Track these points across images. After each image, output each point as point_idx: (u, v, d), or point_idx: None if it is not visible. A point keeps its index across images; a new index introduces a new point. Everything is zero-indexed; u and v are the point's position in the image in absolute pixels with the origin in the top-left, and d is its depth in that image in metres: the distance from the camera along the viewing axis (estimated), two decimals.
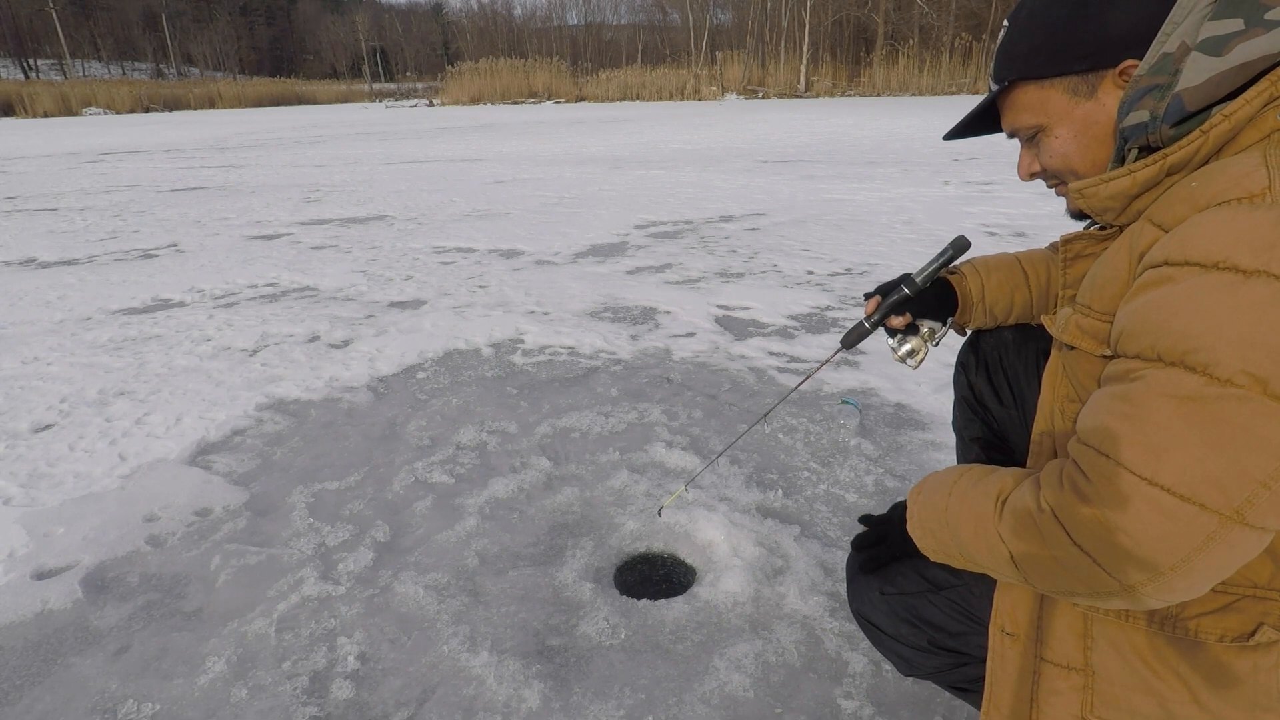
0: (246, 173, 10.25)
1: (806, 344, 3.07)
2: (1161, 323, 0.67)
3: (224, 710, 1.31)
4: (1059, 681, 0.85)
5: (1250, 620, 0.75)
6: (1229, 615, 0.76)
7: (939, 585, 0.97)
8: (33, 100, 36.86)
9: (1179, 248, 0.67)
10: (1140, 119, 0.77)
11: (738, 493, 1.93)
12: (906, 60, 33.42)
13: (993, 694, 0.91)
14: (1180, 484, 0.63)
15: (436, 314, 3.60)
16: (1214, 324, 0.63)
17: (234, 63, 74.64)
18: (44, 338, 3.38)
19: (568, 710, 1.29)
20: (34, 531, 1.86)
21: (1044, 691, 0.86)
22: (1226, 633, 0.76)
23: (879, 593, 1.03)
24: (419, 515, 1.89)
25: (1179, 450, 0.63)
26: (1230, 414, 0.62)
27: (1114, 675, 0.81)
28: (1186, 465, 0.63)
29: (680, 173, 8.88)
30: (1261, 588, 0.74)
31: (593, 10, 65.56)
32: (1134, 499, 0.65)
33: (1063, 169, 0.89)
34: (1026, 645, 0.87)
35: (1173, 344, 0.65)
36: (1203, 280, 0.64)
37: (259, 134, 19.11)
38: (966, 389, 1.38)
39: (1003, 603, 0.89)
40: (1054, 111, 0.86)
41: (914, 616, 1.00)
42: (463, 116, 26.40)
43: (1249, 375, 0.61)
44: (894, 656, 1.07)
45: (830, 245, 4.90)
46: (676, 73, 38.74)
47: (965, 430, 1.42)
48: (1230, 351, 0.62)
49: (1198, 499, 0.63)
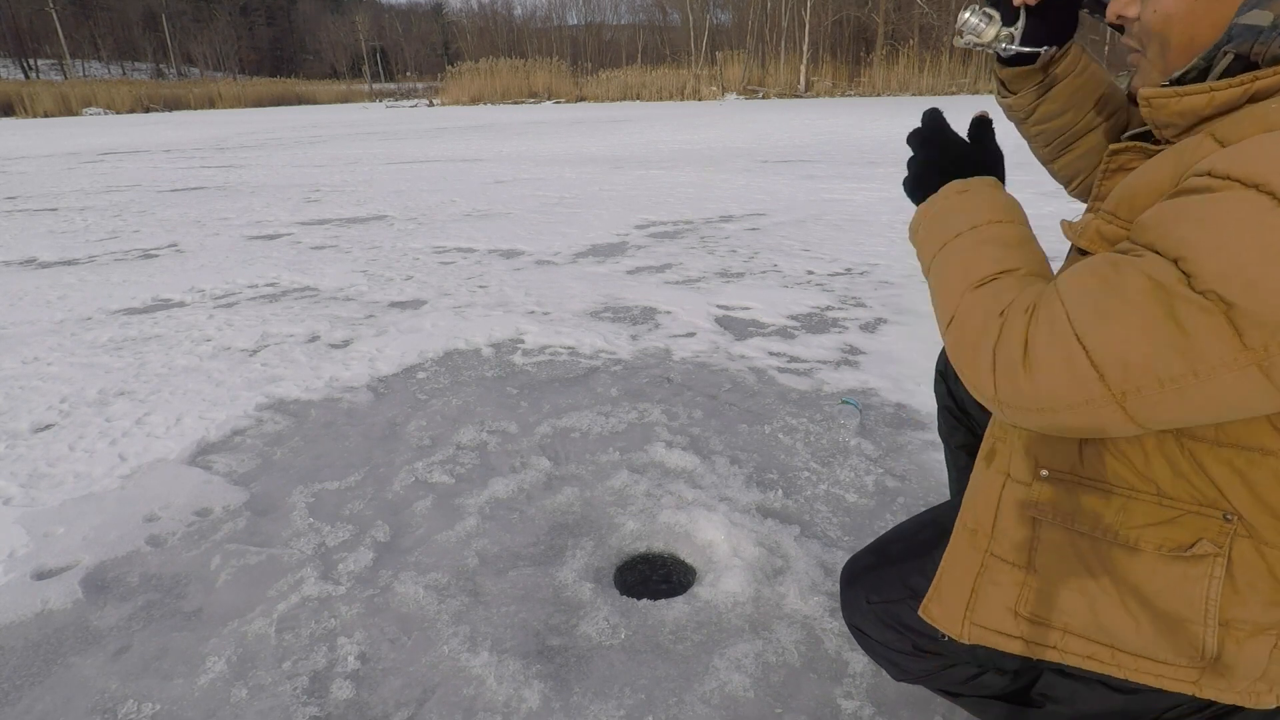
0: (246, 173, 10.25)
1: (806, 344, 3.07)
2: (1175, 224, 0.65)
3: (224, 710, 1.31)
4: (1001, 575, 0.89)
5: (1191, 534, 0.77)
6: (1171, 528, 0.78)
7: (918, 592, 0.99)
8: (33, 100, 36.84)
9: (1226, 161, 0.64)
10: (1258, 21, 0.67)
11: (738, 493, 1.93)
12: (906, 60, 33.41)
13: (940, 581, 0.95)
14: (1099, 350, 0.64)
15: (436, 314, 3.61)
16: (1217, 237, 0.61)
17: (234, 63, 74.59)
18: (44, 338, 3.38)
19: (568, 710, 1.29)
20: (34, 531, 1.86)
21: (984, 582, 0.90)
22: (1165, 543, 0.79)
23: (866, 601, 1.06)
24: (419, 515, 1.89)
25: (1120, 325, 0.64)
26: (1184, 316, 0.61)
27: (1051, 575, 0.86)
28: (1114, 339, 0.64)
29: (680, 173, 8.88)
30: (1206, 506, 0.76)
31: (593, 10, 65.58)
32: (1057, 348, 0.67)
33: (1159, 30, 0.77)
34: (980, 539, 0.91)
35: (1172, 245, 0.64)
36: (1234, 196, 0.62)
37: (259, 134, 19.11)
38: (947, 397, 1.39)
39: (968, 501, 0.93)
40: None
41: (897, 623, 1.02)
42: (463, 116, 26.40)
43: (1219, 295, 0.60)
44: (885, 663, 1.09)
45: (830, 245, 4.90)
46: (676, 73, 38.72)
47: (950, 438, 1.43)
48: (1216, 267, 0.60)
49: (1102, 369, 0.64)
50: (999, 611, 0.90)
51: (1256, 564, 0.76)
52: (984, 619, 0.91)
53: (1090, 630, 0.85)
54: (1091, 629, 0.85)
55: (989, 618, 0.90)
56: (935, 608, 0.95)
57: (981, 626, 0.91)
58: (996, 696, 1.02)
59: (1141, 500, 0.79)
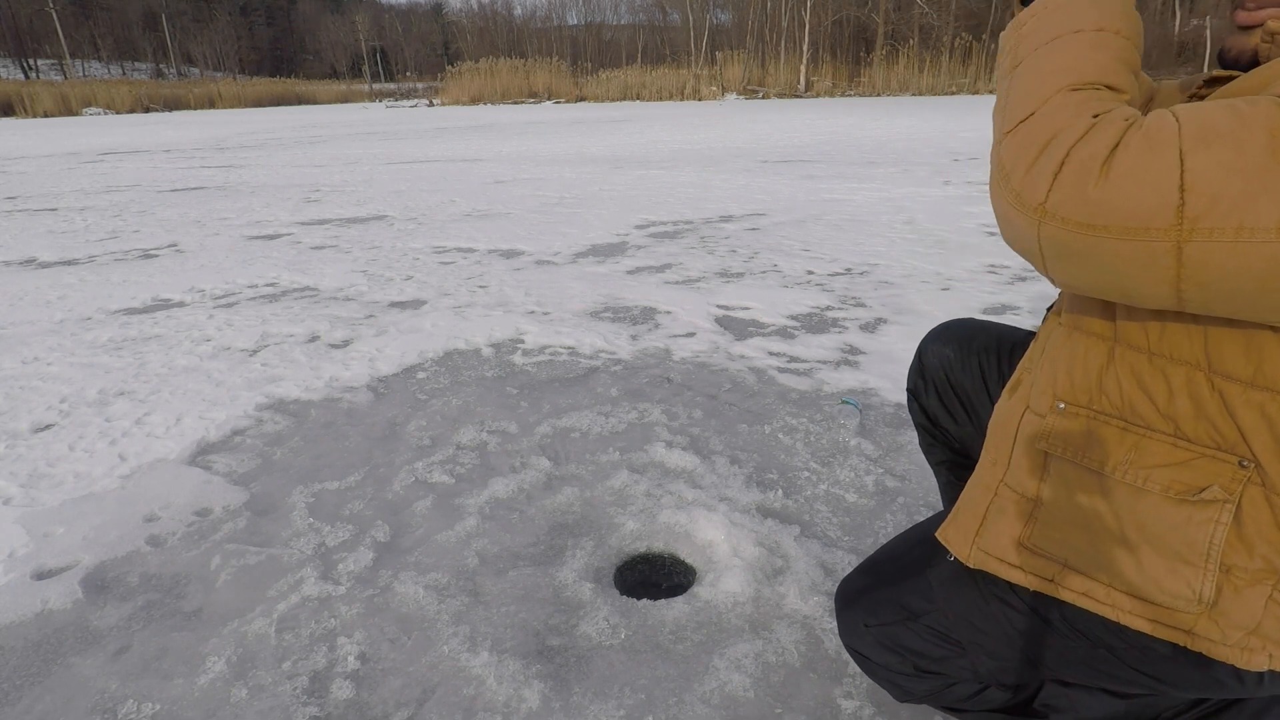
0: (246, 173, 10.25)
1: (806, 344, 3.07)
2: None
3: (224, 710, 1.31)
4: (1010, 505, 0.90)
5: (1204, 478, 0.76)
6: (1183, 469, 0.77)
7: (915, 613, 0.99)
8: (33, 100, 36.83)
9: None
10: None
11: (738, 493, 1.93)
12: (906, 60, 33.42)
13: (958, 509, 0.97)
14: (1195, 173, 0.59)
15: (436, 314, 3.61)
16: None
17: (234, 63, 74.57)
18: (44, 338, 3.38)
19: (568, 710, 1.29)
20: (34, 531, 1.86)
21: (993, 510, 0.92)
22: (1174, 484, 0.77)
23: (863, 625, 1.05)
24: (419, 515, 1.89)
25: (1230, 152, 0.59)
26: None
27: (1057, 509, 0.86)
28: (1219, 166, 0.59)
29: (680, 173, 8.88)
30: (1223, 450, 0.75)
31: (593, 10, 65.56)
32: (1154, 156, 0.61)
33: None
34: (998, 469, 0.92)
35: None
36: None
37: (259, 134, 19.11)
38: (921, 415, 1.38)
39: (992, 432, 0.95)
40: None
41: (896, 645, 1.02)
42: (463, 116, 26.40)
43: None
44: (887, 684, 1.08)
45: (830, 245, 4.90)
46: (676, 73, 38.71)
47: (930, 455, 1.43)
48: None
49: (1189, 194, 0.59)
50: (1004, 540, 0.90)
51: (1264, 513, 0.75)
52: (989, 545, 0.92)
53: (1089, 566, 0.84)
54: (1091, 566, 0.84)
55: (994, 545, 0.91)
56: (950, 529, 0.96)
57: (985, 552, 0.92)
58: (1000, 710, 1.02)
59: (1156, 439, 0.78)
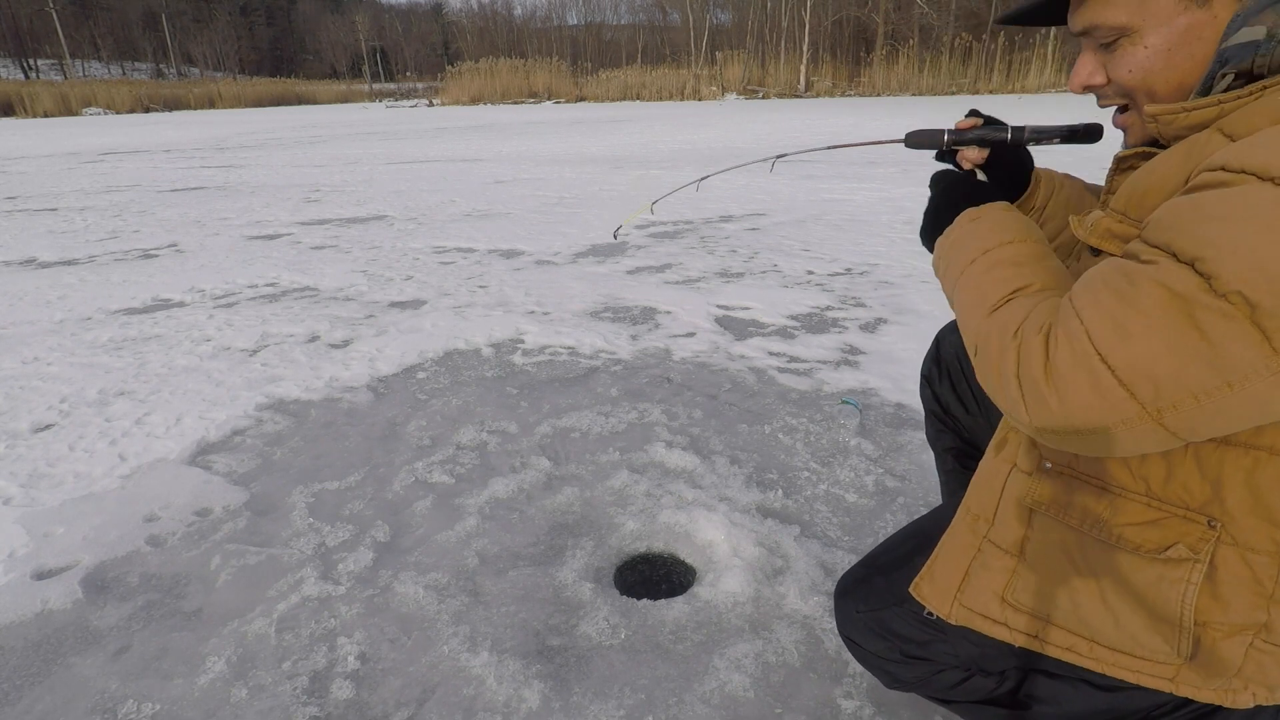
0: (246, 173, 10.25)
1: (806, 344, 3.07)
2: (1191, 222, 0.63)
3: (224, 710, 1.31)
4: (994, 561, 0.90)
5: (1169, 537, 0.77)
6: (1153, 529, 0.78)
7: (901, 598, 1.00)
8: (33, 100, 36.84)
9: (1240, 154, 0.63)
10: (1253, 36, 0.66)
11: (738, 493, 1.93)
12: (906, 60, 33.41)
13: (934, 561, 0.97)
14: (1124, 369, 0.62)
15: (436, 314, 3.60)
16: (1234, 236, 0.60)
17: (234, 63, 74.60)
18: (44, 338, 3.38)
19: (568, 710, 1.29)
20: (34, 531, 1.86)
21: (977, 566, 0.92)
22: (1145, 543, 0.79)
23: (855, 612, 1.08)
24: (419, 515, 1.89)
25: (1143, 341, 0.62)
26: (1208, 324, 0.60)
27: (1039, 566, 0.87)
28: (1140, 355, 0.62)
29: (680, 173, 8.88)
30: (1193, 510, 0.76)
31: (593, 10, 65.58)
32: (1081, 368, 0.65)
33: (1136, 88, 0.76)
34: (980, 525, 0.92)
35: (1189, 245, 0.62)
36: (1250, 191, 0.60)
37: (259, 134, 19.11)
38: (933, 402, 1.39)
39: (974, 488, 0.95)
40: (1153, 14, 0.72)
41: (885, 630, 1.04)
42: (463, 116, 26.40)
43: (1243, 297, 0.58)
44: (878, 672, 1.10)
45: (830, 245, 4.90)
46: (676, 73, 38.71)
47: (937, 442, 1.43)
48: (1237, 266, 0.59)
49: (1132, 387, 0.62)
50: (987, 596, 0.91)
51: (1240, 571, 0.76)
52: (972, 601, 0.92)
53: (1070, 623, 0.86)
54: (1072, 621, 0.86)
55: (977, 601, 0.92)
56: (926, 586, 0.96)
57: (968, 608, 0.92)
58: (987, 701, 1.02)
59: (1131, 499, 0.79)
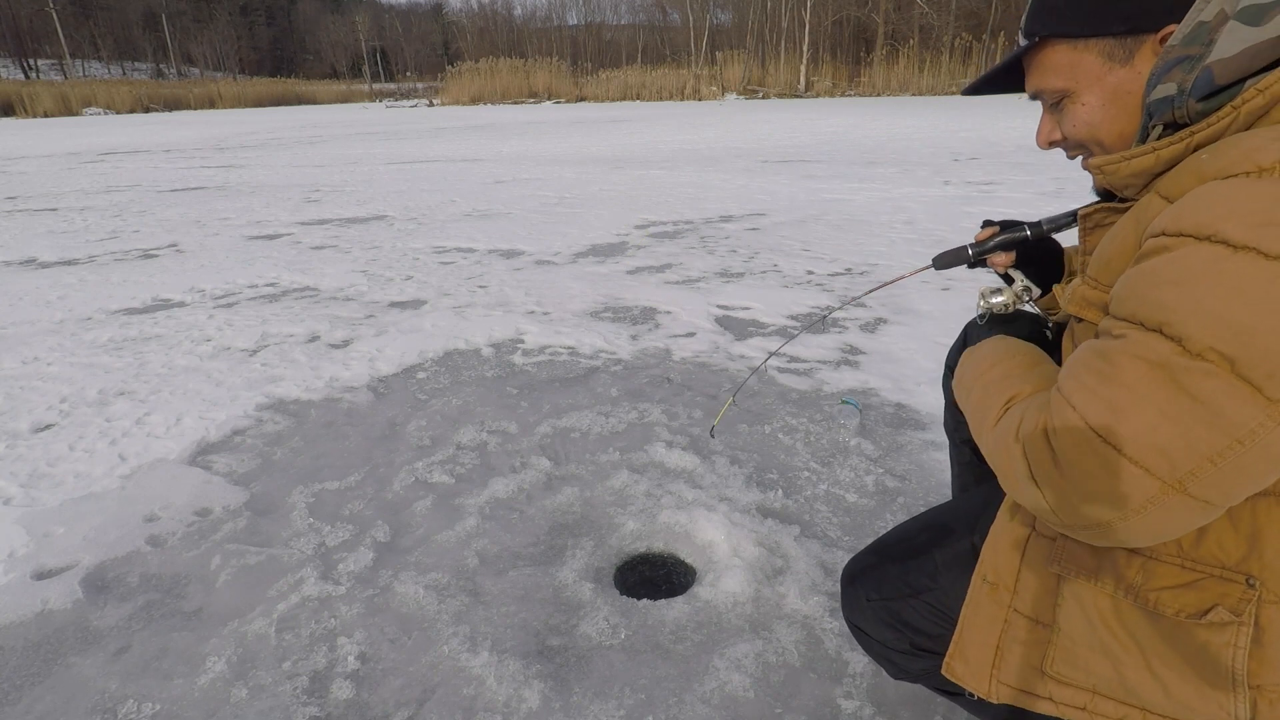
0: (246, 173, 10.25)
1: (806, 344, 3.07)
2: (1147, 290, 0.66)
3: (224, 710, 1.31)
4: (1025, 633, 0.87)
5: (1208, 599, 0.75)
6: (1189, 592, 0.76)
7: (917, 590, 0.99)
8: (33, 100, 36.83)
9: (1175, 218, 0.67)
10: (1167, 92, 0.73)
11: (738, 493, 1.93)
12: (906, 60, 33.40)
13: (961, 637, 0.93)
14: (1129, 444, 0.64)
15: (436, 314, 3.60)
16: (1193, 296, 0.62)
17: (234, 63, 74.57)
18: (44, 338, 3.38)
19: (568, 710, 1.29)
20: (34, 531, 1.86)
21: (1009, 640, 0.88)
22: (1184, 608, 0.76)
23: (865, 600, 1.06)
24: (419, 515, 1.89)
25: (1137, 413, 0.64)
26: (1194, 386, 0.61)
27: (1076, 634, 0.83)
28: (1140, 429, 0.63)
29: (680, 173, 8.88)
30: (1229, 569, 0.74)
31: (593, 10, 65.57)
32: (1086, 452, 0.66)
33: (1087, 139, 0.84)
34: (1002, 595, 0.89)
35: (1151, 311, 0.65)
36: (1192, 252, 0.64)
37: (259, 134, 19.11)
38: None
39: (988, 554, 0.91)
40: (1084, 76, 0.81)
41: (896, 620, 1.02)
42: (463, 116, 26.39)
43: (1218, 353, 0.60)
44: (884, 661, 1.09)
45: (830, 245, 4.90)
46: (676, 73, 38.70)
47: (955, 433, 1.43)
48: (1203, 325, 0.61)
49: (1144, 463, 0.64)
50: (1027, 670, 0.86)
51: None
52: (1011, 679, 0.88)
53: (1119, 693, 0.81)
54: (1120, 692, 0.81)
55: (1017, 677, 0.87)
56: (959, 665, 0.92)
57: (1009, 686, 0.88)
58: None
59: (1163, 562, 0.77)
